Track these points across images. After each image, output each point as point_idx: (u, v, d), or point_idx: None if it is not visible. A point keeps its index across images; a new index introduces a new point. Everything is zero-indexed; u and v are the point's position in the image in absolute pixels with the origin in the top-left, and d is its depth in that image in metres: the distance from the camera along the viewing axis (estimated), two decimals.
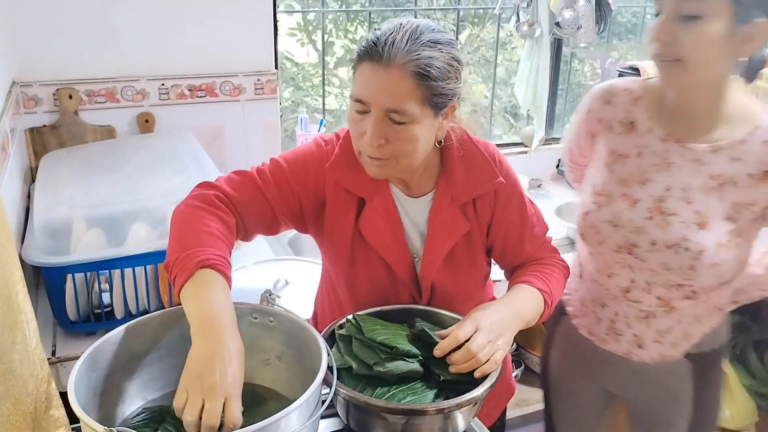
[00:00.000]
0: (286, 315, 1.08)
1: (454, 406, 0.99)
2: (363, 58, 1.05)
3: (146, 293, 1.44)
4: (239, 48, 2.01)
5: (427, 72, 1.02)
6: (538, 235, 1.28)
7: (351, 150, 1.15)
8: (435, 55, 1.03)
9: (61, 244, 1.40)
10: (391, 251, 1.20)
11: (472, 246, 1.23)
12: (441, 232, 1.19)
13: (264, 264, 1.83)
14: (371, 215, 1.18)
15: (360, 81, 1.06)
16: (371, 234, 1.19)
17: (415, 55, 1.02)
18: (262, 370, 1.11)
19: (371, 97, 1.04)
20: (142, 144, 1.84)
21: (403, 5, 3.44)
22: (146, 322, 1.05)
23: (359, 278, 1.22)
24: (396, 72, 1.02)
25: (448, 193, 1.19)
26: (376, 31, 1.06)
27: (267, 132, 2.12)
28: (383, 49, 1.02)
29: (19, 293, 0.91)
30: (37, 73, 1.84)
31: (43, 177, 1.63)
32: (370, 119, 1.05)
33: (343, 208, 1.19)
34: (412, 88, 1.03)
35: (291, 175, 1.17)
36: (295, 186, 1.17)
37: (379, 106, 1.04)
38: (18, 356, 0.84)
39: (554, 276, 1.24)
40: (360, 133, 1.08)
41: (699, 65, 1.16)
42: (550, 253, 1.29)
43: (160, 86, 1.96)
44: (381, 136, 1.05)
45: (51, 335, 1.46)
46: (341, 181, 1.17)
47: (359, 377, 1.06)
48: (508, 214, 1.23)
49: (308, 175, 1.18)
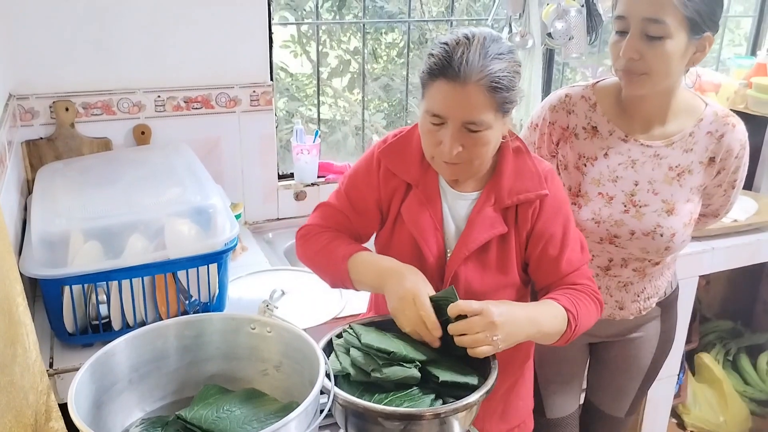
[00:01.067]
0: (283, 325, 1.10)
1: (450, 411, 1.01)
2: (437, 76, 1.12)
3: (143, 305, 1.45)
4: (234, 60, 2.03)
5: (500, 84, 1.11)
6: (576, 260, 1.28)
7: (407, 141, 1.27)
8: (503, 66, 1.12)
9: (59, 256, 1.40)
10: (427, 238, 1.24)
11: (505, 251, 1.26)
12: (476, 228, 1.23)
13: (260, 274, 1.84)
14: (415, 200, 1.26)
15: (437, 97, 1.13)
16: (411, 218, 1.25)
17: (488, 70, 1.10)
18: (261, 380, 1.12)
19: (449, 113, 1.12)
20: (138, 156, 1.85)
21: (396, 16, 3.47)
22: (145, 334, 1.06)
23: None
24: (472, 88, 1.10)
25: (493, 194, 1.24)
26: (443, 45, 1.12)
27: (263, 143, 2.14)
28: (459, 68, 1.09)
29: (20, 306, 0.92)
30: (33, 86, 1.85)
31: (40, 189, 1.64)
32: (446, 129, 1.14)
33: (392, 192, 1.28)
34: (486, 101, 1.11)
35: (363, 185, 1.30)
36: (368, 193, 1.30)
37: (457, 119, 1.12)
38: (19, 369, 0.85)
39: (584, 302, 1.24)
40: (436, 142, 1.16)
41: (662, 76, 1.37)
42: (586, 281, 1.28)
43: (156, 98, 1.97)
44: (459, 144, 1.14)
45: (48, 347, 1.46)
46: (390, 165, 1.27)
47: (357, 384, 1.08)
48: (550, 228, 1.25)
49: (372, 173, 1.29)
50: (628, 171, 1.47)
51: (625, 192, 1.47)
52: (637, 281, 1.56)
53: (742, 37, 3.53)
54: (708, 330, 2.84)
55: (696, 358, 2.71)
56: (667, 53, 1.33)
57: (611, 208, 1.47)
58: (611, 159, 1.48)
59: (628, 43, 1.34)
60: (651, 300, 1.60)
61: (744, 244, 2.21)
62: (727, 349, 2.79)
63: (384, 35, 3.77)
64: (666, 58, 1.34)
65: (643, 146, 1.47)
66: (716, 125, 1.47)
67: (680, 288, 2.12)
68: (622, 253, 1.51)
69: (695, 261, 2.14)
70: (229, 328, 1.11)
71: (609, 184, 1.48)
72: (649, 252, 1.47)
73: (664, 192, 1.46)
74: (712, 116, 1.47)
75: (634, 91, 1.42)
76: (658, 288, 1.60)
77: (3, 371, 0.77)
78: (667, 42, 1.32)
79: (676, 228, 1.45)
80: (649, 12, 1.32)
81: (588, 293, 1.27)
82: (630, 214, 1.46)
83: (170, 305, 1.48)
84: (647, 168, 1.47)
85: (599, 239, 1.48)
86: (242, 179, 2.14)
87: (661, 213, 1.45)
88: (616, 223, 1.47)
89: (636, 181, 1.47)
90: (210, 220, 1.49)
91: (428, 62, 1.13)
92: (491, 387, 1.06)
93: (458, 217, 1.27)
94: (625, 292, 1.57)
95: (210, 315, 1.15)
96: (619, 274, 1.54)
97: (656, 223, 1.45)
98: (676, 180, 1.46)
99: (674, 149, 1.46)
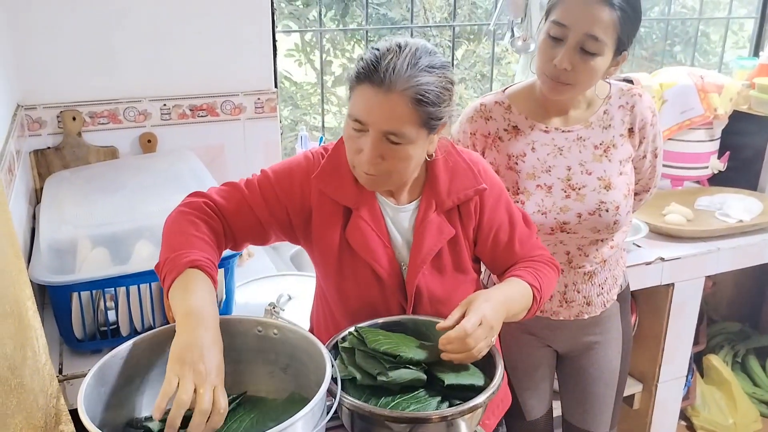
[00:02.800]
0: (290, 327, 1.10)
1: (457, 413, 1.01)
2: (362, 80, 1.08)
3: (151, 310, 1.46)
4: (239, 68, 2.05)
5: (425, 98, 1.07)
6: (526, 235, 1.31)
7: (338, 161, 1.20)
8: (432, 80, 1.08)
9: (67, 263, 1.42)
10: (379, 259, 1.22)
11: (457, 252, 1.26)
12: (426, 238, 1.22)
13: (266, 280, 1.84)
14: (358, 224, 1.21)
15: (359, 102, 1.09)
16: (358, 243, 1.21)
17: (414, 81, 1.06)
18: (268, 382, 1.13)
19: (370, 119, 1.08)
20: (144, 164, 1.87)
21: (399, 23, 3.49)
22: (153, 337, 1.07)
23: (348, 287, 1.24)
24: (396, 97, 1.06)
25: (432, 200, 1.23)
26: (374, 50, 1.09)
27: (267, 150, 2.15)
28: (384, 75, 1.05)
29: (29, 310, 0.93)
30: (41, 97, 1.88)
31: (48, 198, 1.66)
32: (367, 138, 1.10)
33: (330, 218, 1.22)
34: (410, 113, 1.07)
35: (277, 186, 1.21)
36: (282, 197, 1.21)
37: (378, 128, 1.08)
38: (29, 371, 0.86)
39: (545, 273, 1.26)
40: (356, 149, 1.12)
41: (584, 87, 1.47)
42: (539, 251, 1.31)
43: (162, 107, 1.99)
44: (378, 155, 1.10)
45: (58, 353, 1.48)
46: (327, 191, 1.20)
47: (363, 388, 1.08)
48: (497, 218, 1.26)
49: (294, 186, 1.21)
50: (557, 158, 1.53)
51: (561, 178, 1.53)
52: (599, 271, 1.61)
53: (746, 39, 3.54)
54: (716, 332, 2.83)
55: (704, 360, 2.70)
56: (596, 69, 1.41)
57: (553, 196, 1.52)
58: (539, 151, 1.54)
59: (565, 54, 1.39)
60: (612, 292, 1.66)
61: (749, 245, 2.21)
62: (735, 351, 2.79)
63: None
64: (594, 73, 1.41)
65: (564, 133, 1.54)
66: (625, 99, 1.56)
67: (687, 289, 2.15)
68: (575, 240, 1.55)
69: (701, 262, 2.14)
70: (235, 330, 1.11)
71: (544, 175, 1.53)
72: (600, 231, 1.53)
73: (596, 170, 1.53)
74: (619, 92, 1.57)
75: (555, 97, 1.49)
76: (616, 277, 1.67)
77: (14, 372, 0.78)
78: (598, 59, 1.39)
79: (618, 200, 1.52)
80: (591, 29, 1.36)
81: (544, 261, 1.29)
82: (572, 198, 1.52)
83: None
84: (574, 151, 1.54)
85: (550, 230, 1.53)
86: None
87: (600, 190, 1.52)
88: (561, 209, 1.52)
89: (568, 166, 1.53)
90: None
91: (357, 66, 1.10)
92: (497, 387, 1.06)
93: (405, 230, 1.25)
94: (590, 284, 1.62)
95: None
96: (582, 264, 1.59)
97: (598, 200, 1.51)
98: (604, 156, 1.54)
99: (594, 129, 1.54)
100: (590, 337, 1.69)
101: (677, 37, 3.86)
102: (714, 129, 2.49)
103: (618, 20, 1.37)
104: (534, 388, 1.75)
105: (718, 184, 2.55)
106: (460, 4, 3.51)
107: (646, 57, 3.75)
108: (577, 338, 1.69)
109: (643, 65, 3.59)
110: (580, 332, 1.68)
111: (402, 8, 3.47)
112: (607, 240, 1.58)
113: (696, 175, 2.55)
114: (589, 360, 1.71)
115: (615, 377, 1.73)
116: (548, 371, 1.77)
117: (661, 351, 2.22)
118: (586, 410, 1.75)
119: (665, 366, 2.25)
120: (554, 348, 1.73)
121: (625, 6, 1.38)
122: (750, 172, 2.54)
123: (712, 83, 2.43)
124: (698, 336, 2.41)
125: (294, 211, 1.22)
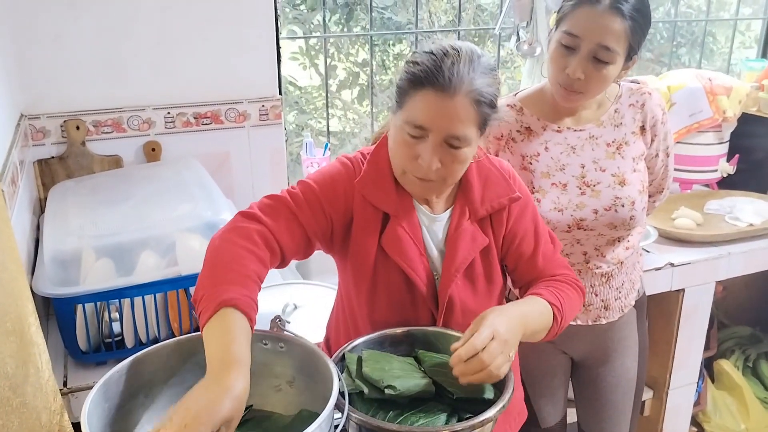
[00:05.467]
0: (296, 340, 1.09)
1: (467, 427, 0.99)
2: (425, 85, 1.07)
3: (156, 322, 1.45)
4: (243, 75, 2.03)
5: (484, 99, 1.08)
6: (550, 251, 1.29)
7: (379, 167, 1.19)
8: (489, 81, 1.09)
9: (71, 274, 1.41)
10: (415, 267, 1.20)
11: (489, 261, 1.24)
12: (460, 247, 1.20)
13: (272, 288, 1.83)
14: (396, 231, 1.19)
15: (421, 107, 1.08)
16: (395, 250, 1.19)
17: (476, 83, 1.07)
18: (273, 396, 1.11)
19: (434, 124, 1.08)
20: (149, 173, 1.85)
21: (404, 27, 3.48)
22: (157, 352, 1.06)
23: (379, 297, 1.22)
24: (460, 100, 1.06)
25: (466, 207, 1.21)
26: (429, 54, 1.08)
27: (273, 157, 2.14)
28: (450, 79, 1.05)
29: (32, 326, 0.92)
30: (44, 106, 1.87)
31: (52, 208, 1.65)
32: (426, 143, 1.09)
33: (368, 225, 1.20)
34: (472, 115, 1.08)
35: (322, 196, 1.18)
36: (327, 206, 1.18)
37: (441, 132, 1.08)
38: (31, 389, 0.85)
39: (567, 294, 1.23)
40: (412, 155, 1.11)
41: (596, 94, 1.50)
42: (564, 270, 1.28)
43: (166, 115, 1.98)
44: (437, 160, 1.09)
45: (62, 366, 1.46)
46: (369, 196, 1.19)
47: (371, 401, 1.06)
48: (522, 227, 1.25)
49: (338, 194, 1.19)
50: (571, 157, 1.55)
51: (575, 176, 1.54)
52: (616, 273, 1.61)
53: (752, 39, 3.51)
54: (726, 336, 2.80)
55: (715, 365, 2.67)
56: (608, 77, 1.43)
57: (568, 193, 1.53)
58: (552, 150, 1.55)
59: (578, 64, 1.40)
60: (630, 297, 1.65)
61: (760, 249, 2.18)
62: (746, 356, 2.75)
63: (392, 47, 3.78)
64: (606, 80, 1.44)
65: (576, 132, 1.56)
66: (635, 97, 1.58)
67: (697, 294, 2.13)
68: (592, 238, 1.56)
69: (711, 266, 2.11)
70: None
71: (558, 173, 1.54)
72: (617, 227, 1.54)
73: (610, 167, 1.54)
74: (628, 91, 1.59)
75: (568, 104, 1.52)
76: (633, 282, 1.66)
77: (15, 392, 0.77)
78: (610, 67, 1.41)
79: (633, 196, 1.53)
80: (603, 39, 1.38)
81: (568, 282, 1.25)
82: (587, 195, 1.53)
83: (182, 321, 1.47)
84: (587, 150, 1.55)
85: (567, 227, 1.53)
86: (252, 193, 2.14)
87: (614, 186, 1.53)
88: (577, 206, 1.52)
89: (582, 163, 1.54)
90: None
91: (412, 70, 1.08)
92: (508, 401, 1.04)
93: (437, 239, 1.24)
94: (608, 287, 1.61)
95: None
96: (599, 265, 1.59)
97: (614, 196, 1.52)
98: (617, 153, 1.55)
99: (605, 127, 1.56)
100: (607, 344, 1.68)
101: (683, 38, 3.84)
102: (723, 132, 2.46)
103: (629, 29, 1.38)
104: (550, 396, 1.73)
105: (728, 188, 2.52)
106: (464, 7, 3.49)
107: (652, 59, 3.73)
108: (594, 345, 1.68)
109: (648, 67, 3.57)
110: (597, 339, 1.67)
111: (407, 12, 3.46)
112: (623, 239, 1.58)
113: (705, 179, 2.52)
114: (606, 369, 1.70)
115: (632, 386, 1.72)
116: (564, 378, 1.76)
117: (672, 357, 2.19)
118: (604, 419, 1.73)
119: (676, 372, 2.22)
120: (570, 355, 1.72)
121: (636, 15, 1.38)
122: (760, 174, 2.51)
123: (721, 85, 2.41)
124: (709, 341, 2.38)
125: (338, 219, 1.19)
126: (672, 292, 2.10)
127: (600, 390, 1.72)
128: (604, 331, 1.66)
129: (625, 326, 1.68)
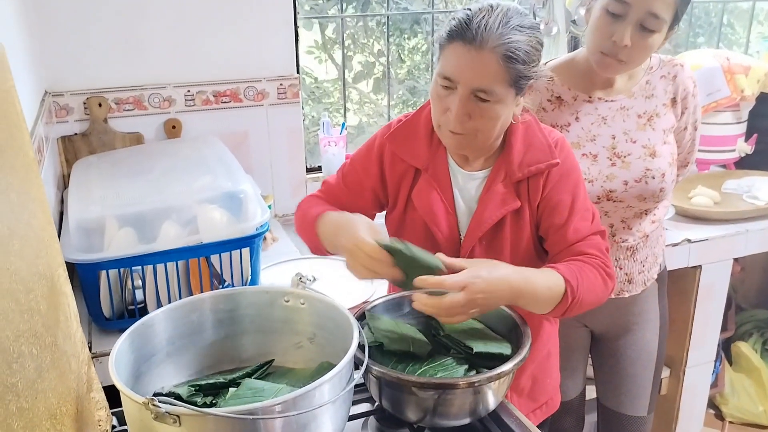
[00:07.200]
0: (316, 296, 1.11)
1: (484, 380, 1.00)
2: (454, 38, 1.10)
3: (178, 288, 1.47)
4: (261, 53, 2.06)
5: (515, 55, 1.08)
6: (585, 228, 1.21)
7: (413, 125, 1.25)
8: (523, 39, 1.09)
9: (95, 242, 1.43)
10: (439, 223, 1.22)
11: (520, 227, 1.22)
12: (488, 207, 1.21)
13: (291, 263, 1.85)
14: (425, 185, 1.23)
15: (450, 60, 1.11)
16: (422, 204, 1.23)
17: (505, 38, 1.08)
18: (295, 353, 1.13)
19: (461, 76, 1.10)
20: (169, 149, 1.88)
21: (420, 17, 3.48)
22: (182, 306, 1.08)
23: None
24: (487, 54, 1.08)
25: (503, 170, 1.22)
26: (467, 10, 1.11)
27: (290, 137, 2.16)
28: (477, 32, 1.07)
29: (61, 276, 0.94)
30: (67, 84, 1.90)
31: (76, 182, 1.68)
32: (455, 96, 1.12)
33: (400, 179, 1.26)
34: (500, 70, 1.09)
35: (362, 172, 1.30)
36: (366, 180, 1.29)
37: (467, 85, 1.10)
38: (62, 334, 0.87)
39: (588, 275, 1.15)
40: (444, 108, 1.14)
41: (637, 64, 1.48)
42: (595, 251, 1.19)
43: (186, 93, 2.01)
44: (466, 113, 1.12)
45: (87, 332, 1.49)
46: (398, 151, 1.25)
47: (390, 355, 1.08)
48: (558, 196, 1.21)
49: (371, 159, 1.28)
50: (601, 128, 1.54)
51: (606, 147, 1.53)
52: (641, 246, 1.61)
53: None
54: (745, 319, 2.78)
55: (732, 347, 2.66)
56: (653, 46, 1.41)
57: (599, 164, 1.53)
58: (583, 121, 1.54)
59: (626, 31, 1.37)
60: (653, 271, 1.66)
61: None
62: (764, 338, 2.73)
63: (407, 40, 3.79)
64: (650, 50, 1.42)
65: (608, 102, 1.55)
66: (667, 69, 1.56)
67: (715, 272, 2.12)
68: (620, 210, 1.55)
69: (728, 243, 2.11)
70: (262, 301, 1.12)
71: (589, 144, 1.53)
72: (646, 199, 1.53)
73: (641, 138, 1.53)
74: (660, 63, 1.57)
75: (608, 74, 1.50)
76: (657, 256, 1.67)
77: (48, 331, 0.79)
78: (656, 35, 1.39)
79: (663, 168, 1.52)
80: (653, 6, 1.35)
81: (595, 265, 1.17)
82: (617, 166, 1.52)
83: (204, 289, 1.50)
84: (618, 121, 1.54)
85: (597, 198, 1.53)
86: (271, 172, 2.17)
87: (645, 158, 1.52)
88: (607, 177, 1.52)
89: (612, 134, 1.53)
90: (241, 206, 1.51)
91: (449, 25, 1.12)
92: (525, 356, 1.05)
93: (469, 198, 1.24)
94: (632, 260, 1.61)
95: (244, 288, 1.17)
96: (625, 238, 1.59)
97: (644, 168, 1.51)
98: (648, 125, 1.54)
99: (636, 99, 1.55)
100: (628, 317, 1.68)
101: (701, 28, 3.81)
102: (741, 111, 2.45)
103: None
104: (570, 369, 1.74)
105: (745, 167, 2.51)
106: None
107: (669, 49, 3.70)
108: (615, 318, 1.68)
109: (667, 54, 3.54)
110: (618, 312, 1.67)
111: (423, 2, 3.46)
112: (650, 212, 1.58)
113: (723, 159, 2.51)
114: (627, 341, 1.70)
115: (653, 359, 1.71)
116: (584, 353, 1.77)
117: (689, 335, 2.19)
118: (623, 393, 1.73)
119: (693, 351, 2.22)
120: (591, 328, 1.73)
121: None
122: None
123: (739, 64, 2.39)
124: (726, 322, 2.37)
125: (377, 185, 1.29)
126: (689, 269, 2.09)
127: (620, 363, 1.72)
128: (626, 304, 1.66)
129: (646, 299, 1.68)
